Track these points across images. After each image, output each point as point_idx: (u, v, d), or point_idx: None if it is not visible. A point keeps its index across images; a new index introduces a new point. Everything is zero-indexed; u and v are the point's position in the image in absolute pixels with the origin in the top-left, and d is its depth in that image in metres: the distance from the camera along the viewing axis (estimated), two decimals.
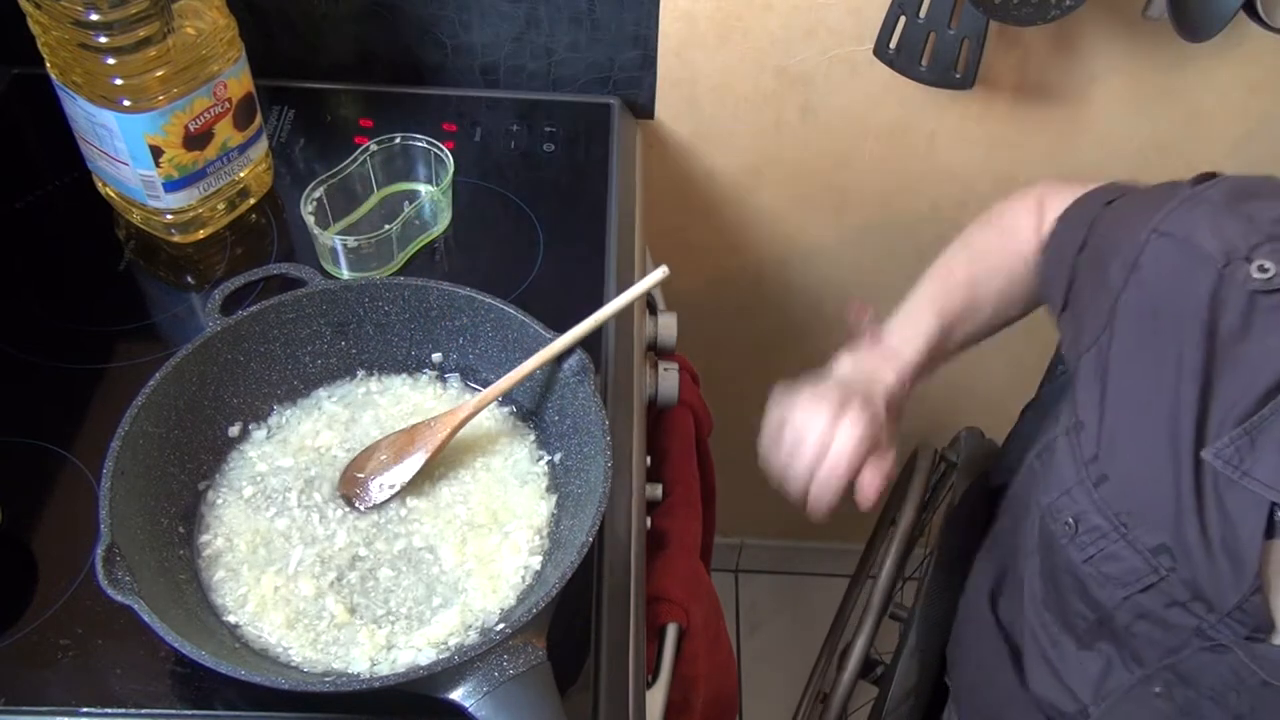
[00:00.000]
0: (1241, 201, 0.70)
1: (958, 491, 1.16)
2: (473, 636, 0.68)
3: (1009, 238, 0.90)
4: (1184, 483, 0.67)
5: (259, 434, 0.78)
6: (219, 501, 0.74)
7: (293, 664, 0.67)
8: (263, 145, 0.96)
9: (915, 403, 0.89)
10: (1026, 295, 0.90)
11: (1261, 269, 0.64)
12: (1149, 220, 0.71)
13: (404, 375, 0.83)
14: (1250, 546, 0.64)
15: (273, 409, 0.80)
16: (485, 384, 0.79)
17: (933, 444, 1.30)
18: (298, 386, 0.80)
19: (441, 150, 0.94)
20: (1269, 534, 0.64)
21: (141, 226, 0.94)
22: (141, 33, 0.81)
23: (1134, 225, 0.72)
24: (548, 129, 1.08)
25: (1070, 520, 0.75)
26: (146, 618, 0.60)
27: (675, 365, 0.98)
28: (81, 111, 0.86)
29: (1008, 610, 0.91)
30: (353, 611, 0.69)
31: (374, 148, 0.94)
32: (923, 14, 1.01)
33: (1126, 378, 0.71)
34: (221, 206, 0.94)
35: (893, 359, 0.84)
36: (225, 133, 0.90)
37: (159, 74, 0.83)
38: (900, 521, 1.15)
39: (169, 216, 0.91)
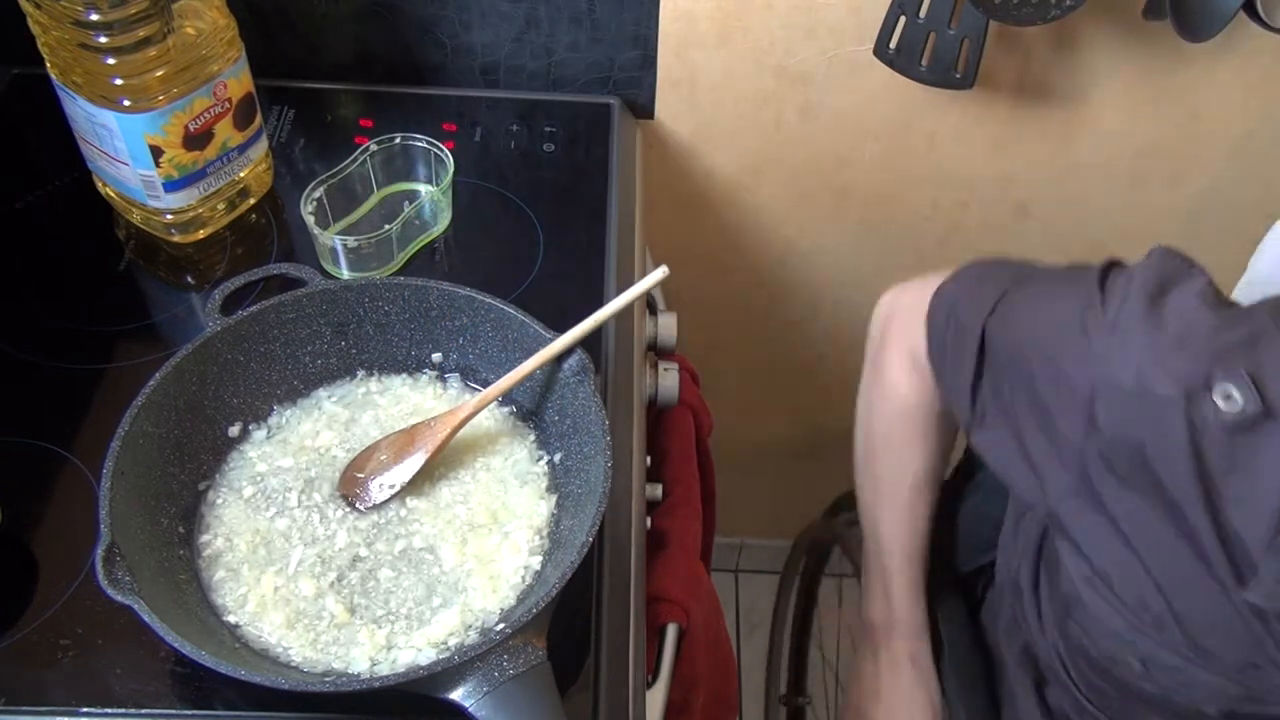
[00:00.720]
0: (1160, 307, 0.65)
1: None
2: (473, 636, 0.68)
3: (897, 401, 0.91)
4: (1245, 615, 0.63)
5: (259, 434, 0.78)
6: (219, 501, 0.74)
7: (293, 664, 0.67)
8: (263, 145, 0.96)
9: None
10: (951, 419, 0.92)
11: (1226, 397, 0.59)
12: (1083, 365, 0.66)
13: (404, 375, 0.83)
14: None
15: (273, 409, 0.80)
16: (485, 384, 0.79)
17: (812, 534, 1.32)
18: (298, 386, 0.80)
19: (441, 150, 0.94)
20: None
21: (141, 226, 0.94)
22: (141, 33, 0.81)
23: (1062, 363, 0.68)
24: (548, 129, 1.08)
25: (1136, 662, 0.71)
26: (146, 618, 0.60)
27: (675, 365, 0.98)
28: (81, 111, 0.86)
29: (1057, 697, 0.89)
30: (353, 611, 0.69)
31: (374, 148, 0.94)
32: (923, 14, 1.01)
33: (1141, 525, 0.66)
34: (221, 206, 0.94)
35: (906, 636, 0.93)
36: (225, 133, 0.90)
37: (159, 74, 0.83)
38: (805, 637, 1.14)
39: (169, 216, 0.92)
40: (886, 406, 0.92)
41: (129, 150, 0.86)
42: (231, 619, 0.69)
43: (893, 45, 1.04)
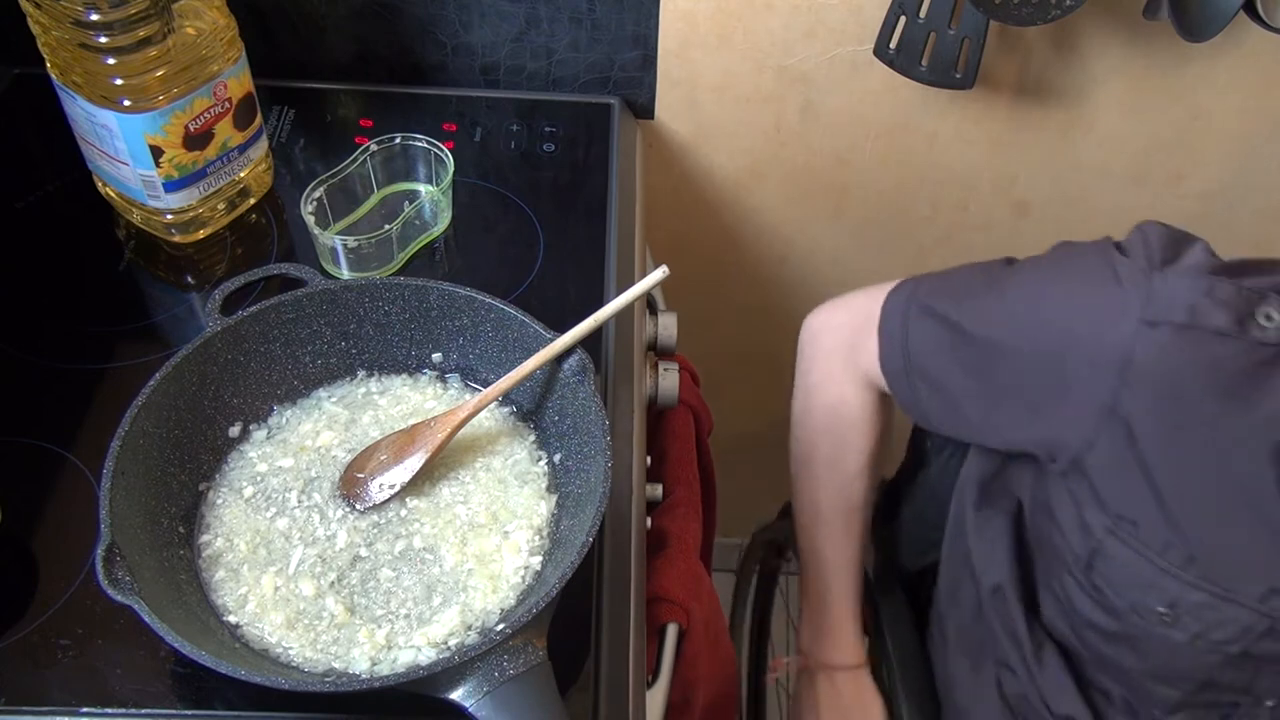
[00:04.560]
0: (1185, 256, 0.72)
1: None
2: (473, 636, 0.68)
3: (838, 418, 0.93)
4: (1277, 518, 0.68)
5: (259, 434, 0.78)
6: (219, 502, 0.74)
7: (293, 664, 0.67)
8: (263, 145, 0.96)
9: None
10: (886, 425, 0.93)
11: (1268, 318, 0.67)
12: (1118, 309, 0.71)
13: (404, 375, 0.83)
14: None
15: (273, 409, 0.80)
16: (485, 384, 0.79)
17: (763, 531, 1.34)
18: (298, 386, 0.80)
19: (441, 150, 0.94)
20: None
21: (141, 226, 0.94)
22: (141, 33, 0.81)
23: (1085, 322, 0.72)
24: (548, 129, 1.08)
25: (1165, 609, 0.74)
26: (146, 618, 0.60)
27: (675, 365, 0.98)
28: (81, 111, 0.86)
29: (1012, 684, 0.91)
30: (353, 611, 0.69)
31: (374, 148, 0.94)
32: (923, 14, 1.01)
33: (1177, 464, 0.70)
34: (221, 206, 0.94)
35: (846, 664, 0.97)
36: (225, 133, 0.90)
37: (159, 74, 0.83)
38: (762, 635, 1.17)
39: (169, 216, 0.91)
40: (827, 423, 0.93)
41: (129, 150, 0.86)
42: (231, 619, 0.69)
43: (893, 45, 1.04)
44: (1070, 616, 0.83)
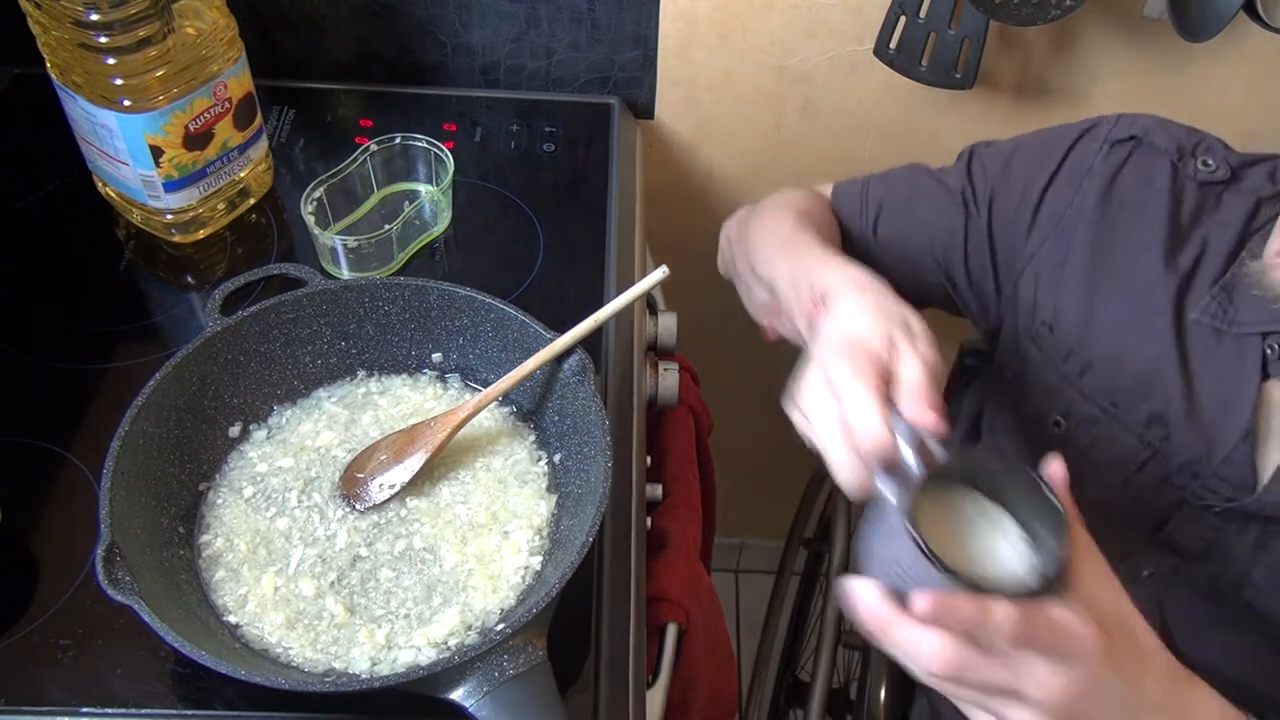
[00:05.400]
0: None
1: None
2: (473, 636, 0.68)
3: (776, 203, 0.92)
4: (1168, 350, 0.75)
5: (259, 434, 0.78)
6: (219, 501, 0.74)
7: (293, 664, 0.67)
8: (263, 145, 0.96)
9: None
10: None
11: (1205, 163, 0.77)
12: (1094, 134, 0.81)
13: (404, 375, 0.83)
14: (1246, 391, 0.72)
15: (273, 409, 0.80)
16: (485, 384, 0.79)
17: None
18: (298, 386, 0.80)
19: (441, 150, 0.94)
20: (1264, 375, 0.72)
21: (141, 226, 0.94)
22: (141, 33, 0.81)
23: (1064, 146, 0.81)
24: (548, 129, 1.08)
25: (1059, 418, 0.80)
26: (146, 618, 0.60)
27: (675, 365, 0.98)
28: (81, 111, 0.86)
29: None
30: (353, 611, 0.69)
31: (374, 148, 0.94)
32: (923, 14, 1.02)
33: (1095, 271, 0.78)
34: (221, 206, 0.94)
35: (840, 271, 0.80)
36: (225, 133, 0.90)
37: (159, 74, 0.83)
38: (836, 544, 1.14)
39: (169, 216, 0.91)
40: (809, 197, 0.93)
41: (129, 150, 0.86)
42: (231, 619, 0.69)
43: (893, 45, 1.04)
44: (1013, 440, 0.87)
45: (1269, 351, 0.72)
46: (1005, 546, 0.59)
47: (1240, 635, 0.75)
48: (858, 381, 0.59)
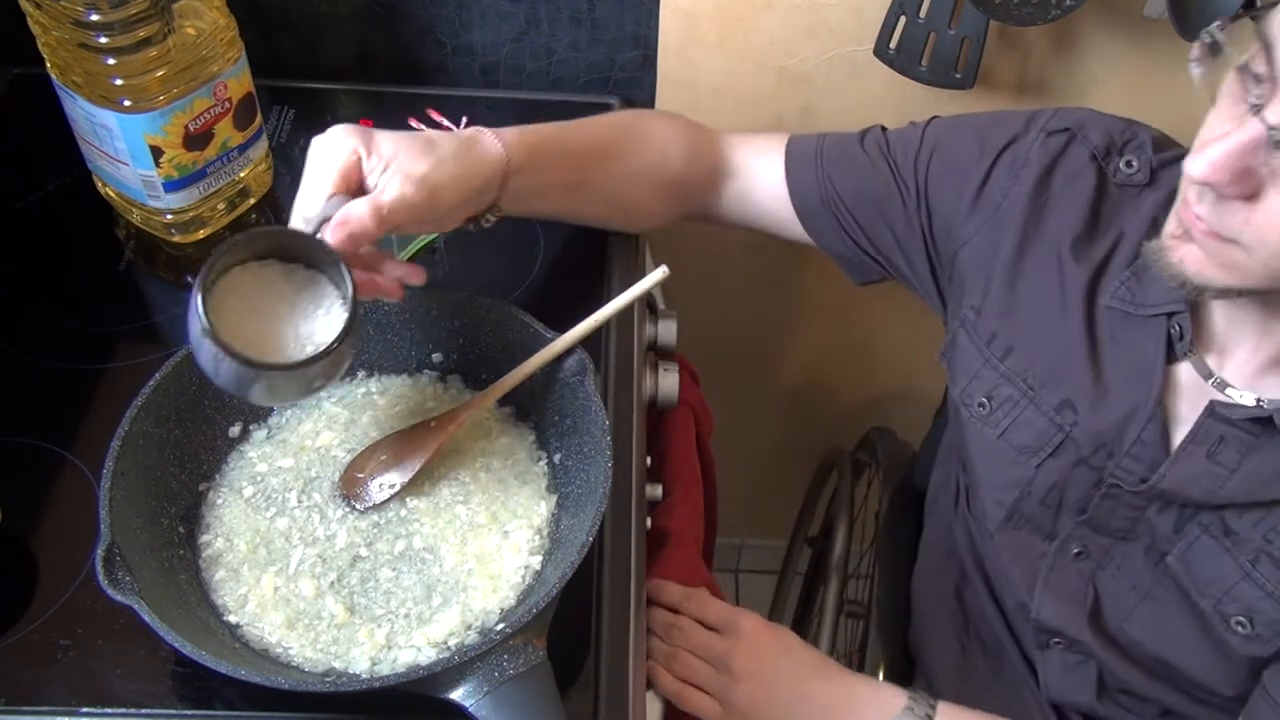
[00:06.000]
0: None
1: (885, 498, 1.19)
2: (473, 636, 0.68)
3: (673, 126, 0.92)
4: (1077, 337, 0.77)
5: (259, 434, 0.78)
6: (219, 501, 0.74)
7: (293, 664, 0.67)
8: (263, 145, 0.96)
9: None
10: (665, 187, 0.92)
11: (1128, 164, 0.79)
12: (1033, 125, 0.82)
13: (404, 375, 0.83)
14: (1153, 373, 0.74)
15: (273, 409, 0.79)
16: (485, 384, 0.79)
17: (842, 446, 1.36)
18: None
19: None
20: (1170, 357, 0.74)
21: (141, 226, 0.94)
22: (141, 33, 0.81)
23: (1009, 134, 0.83)
24: None
25: (984, 400, 0.82)
26: (147, 618, 0.60)
27: (675, 365, 0.98)
28: (81, 111, 0.86)
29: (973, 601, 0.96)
30: (353, 611, 0.69)
31: None
32: (923, 14, 1.01)
33: (1019, 260, 0.80)
34: (221, 206, 0.94)
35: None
36: (225, 133, 0.90)
37: (159, 74, 0.83)
38: (838, 529, 1.20)
39: (169, 216, 0.92)
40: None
41: (129, 150, 0.86)
42: (232, 619, 0.69)
43: (893, 45, 1.04)
44: (955, 419, 0.90)
45: (1173, 332, 0.74)
46: (323, 322, 0.68)
47: (1166, 616, 0.77)
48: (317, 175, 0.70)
